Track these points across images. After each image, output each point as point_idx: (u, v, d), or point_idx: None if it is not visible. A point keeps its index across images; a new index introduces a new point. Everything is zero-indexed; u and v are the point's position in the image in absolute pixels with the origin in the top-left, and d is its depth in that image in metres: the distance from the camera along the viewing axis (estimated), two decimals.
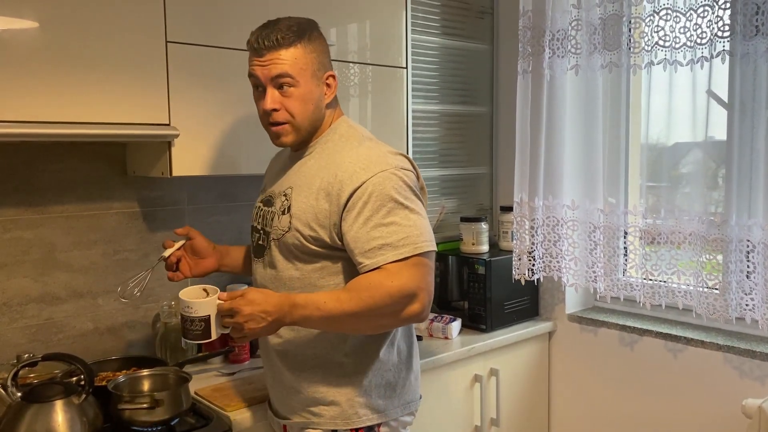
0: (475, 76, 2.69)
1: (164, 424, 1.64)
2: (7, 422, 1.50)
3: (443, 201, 2.63)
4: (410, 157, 1.57)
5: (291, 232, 1.50)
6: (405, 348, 1.61)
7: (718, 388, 2.15)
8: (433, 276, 1.46)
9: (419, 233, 1.42)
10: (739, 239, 1.99)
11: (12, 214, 1.88)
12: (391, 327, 1.51)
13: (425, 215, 1.49)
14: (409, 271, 1.40)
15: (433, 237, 1.47)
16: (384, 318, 1.42)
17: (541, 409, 2.62)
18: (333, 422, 1.52)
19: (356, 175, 1.44)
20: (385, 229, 1.41)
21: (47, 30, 1.59)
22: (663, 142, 2.25)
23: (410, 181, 1.48)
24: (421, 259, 1.41)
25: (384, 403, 1.55)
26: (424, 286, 1.41)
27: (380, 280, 1.39)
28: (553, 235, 2.40)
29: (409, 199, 1.46)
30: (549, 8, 2.31)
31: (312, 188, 1.50)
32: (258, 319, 1.37)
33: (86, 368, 1.61)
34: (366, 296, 1.38)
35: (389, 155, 1.50)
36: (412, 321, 1.45)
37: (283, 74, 1.47)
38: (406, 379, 1.60)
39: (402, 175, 1.47)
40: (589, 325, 2.49)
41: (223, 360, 2.14)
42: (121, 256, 2.07)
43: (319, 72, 1.52)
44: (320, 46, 1.53)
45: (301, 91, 1.49)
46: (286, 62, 1.47)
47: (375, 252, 1.40)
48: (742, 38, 1.93)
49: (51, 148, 1.94)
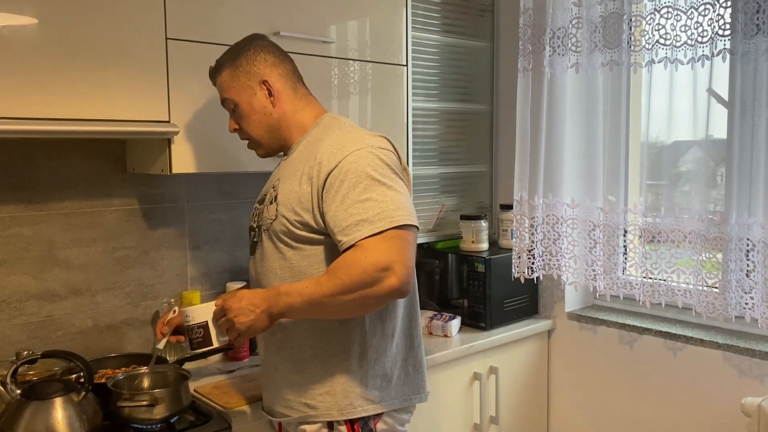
0: (476, 73, 2.69)
1: (164, 422, 1.64)
2: (7, 419, 1.50)
3: (443, 199, 2.63)
4: (390, 140, 1.57)
5: (278, 219, 1.53)
6: (404, 340, 1.60)
7: (717, 387, 2.15)
8: (411, 249, 1.42)
9: (395, 207, 1.40)
10: (738, 238, 1.99)
11: (11, 211, 1.88)
12: (375, 304, 1.45)
13: (405, 192, 1.47)
14: (384, 245, 1.37)
15: (413, 212, 1.44)
16: (364, 296, 1.37)
17: (540, 407, 2.62)
18: (328, 413, 1.52)
19: (333, 155, 1.46)
20: (362, 206, 1.40)
21: (47, 26, 1.58)
22: (663, 141, 2.25)
23: (388, 160, 1.48)
24: (398, 232, 1.39)
25: (380, 394, 1.54)
26: (398, 259, 1.37)
27: (355, 257, 1.38)
28: (552, 234, 2.40)
29: (387, 176, 1.45)
30: (550, 6, 2.31)
31: (296, 175, 1.52)
32: (247, 312, 1.42)
33: (86, 365, 1.60)
34: (343, 274, 1.37)
35: (367, 136, 1.52)
36: (392, 296, 1.40)
37: (224, 99, 1.63)
38: (403, 371, 1.59)
39: (379, 153, 1.47)
40: (589, 324, 2.49)
41: (223, 358, 2.14)
42: (121, 253, 2.07)
43: (250, 82, 1.58)
44: (248, 60, 1.59)
45: (243, 108, 1.59)
46: (223, 89, 1.62)
47: (352, 228, 1.39)
48: (743, 37, 1.92)
49: (50, 144, 1.93)
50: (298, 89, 1.63)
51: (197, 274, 2.22)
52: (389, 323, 1.56)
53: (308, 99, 1.65)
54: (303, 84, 1.66)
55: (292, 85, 1.62)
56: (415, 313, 1.64)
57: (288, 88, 1.61)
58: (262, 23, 1.93)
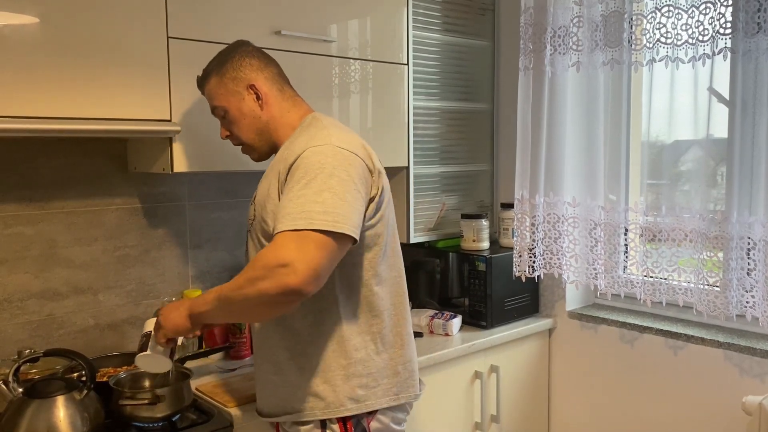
0: (477, 72, 2.69)
1: (165, 420, 1.64)
2: (9, 418, 1.50)
3: (444, 198, 2.63)
4: (367, 146, 1.53)
5: (256, 219, 1.55)
6: (392, 338, 1.57)
7: (718, 386, 2.15)
8: (324, 255, 1.32)
9: (323, 210, 1.34)
10: (739, 236, 1.99)
11: (13, 210, 1.88)
12: (274, 303, 1.33)
13: (350, 198, 1.38)
14: (294, 243, 1.31)
15: (345, 220, 1.35)
16: (261, 290, 1.30)
17: (541, 406, 2.62)
18: (312, 413, 1.51)
19: (296, 152, 1.46)
20: (296, 201, 1.36)
21: (48, 26, 1.59)
22: (664, 140, 2.25)
23: (347, 161, 1.42)
24: (315, 235, 1.32)
25: (365, 394, 1.52)
26: (303, 258, 1.29)
27: (265, 250, 1.34)
28: (553, 232, 2.40)
29: (335, 176, 1.38)
30: (550, 5, 2.31)
31: (271, 175, 1.54)
32: (171, 309, 1.51)
33: (87, 364, 1.61)
34: (248, 267, 1.35)
35: (336, 135, 1.48)
36: (288, 294, 1.29)
37: (213, 107, 1.65)
38: (391, 370, 1.56)
39: (338, 152, 1.43)
40: (590, 322, 2.49)
41: (224, 356, 2.15)
42: (122, 252, 2.07)
43: (237, 87, 1.60)
44: (233, 66, 1.60)
45: (233, 113, 1.61)
46: (211, 97, 1.64)
47: (280, 220, 1.36)
48: (743, 35, 1.92)
49: (52, 143, 1.94)
50: (284, 91, 1.64)
51: (198, 273, 2.23)
52: (372, 322, 1.54)
53: (295, 100, 1.65)
54: (290, 86, 1.67)
55: (279, 87, 1.63)
56: (404, 310, 1.62)
57: (275, 91, 1.62)
58: (263, 22, 1.94)
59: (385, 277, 1.57)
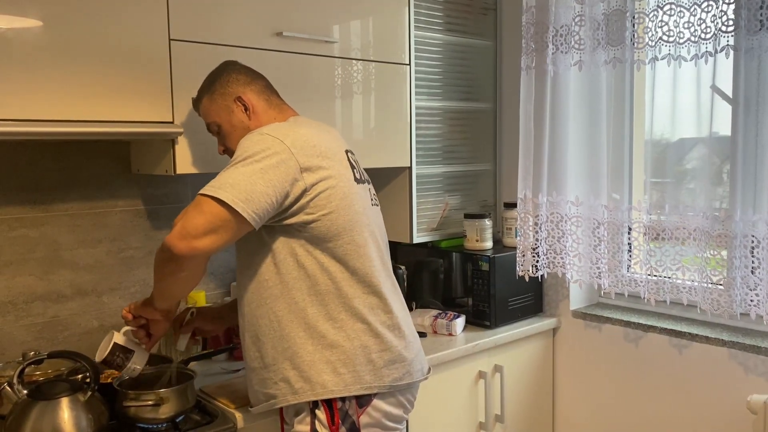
0: (479, 72, 2.69)
1: (169, 421, 1.65)
2: (14, 419, 1.51)
3: (447, 198, 2.62)
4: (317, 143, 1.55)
5: None
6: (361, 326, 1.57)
7: (722, 384, 2.15)
8: (206, 219, 1.42)
9: (225, 183, 1.44)
10: (743, 235, 1.99)
11: (17, 213, 1.89)
12: (161, 261, 1.47)
13: (265, 182, 1.45)
14: (190, 206, 1.45)
15: (244, 197, 1.43)
16: (162, 247, 1.44)
17: (545, 406, 2.62)
18: (284, 399, 1.55)
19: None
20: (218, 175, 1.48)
21: (51, 28, 1.59)
22: (667, 138, 2.24)
23: (272, 147, 1.48)
24: (206, 200, 1.43)
25: (334, 379, 1.53)
26: (183, 218, 1.43)
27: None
28: (557, 232, 2.40)
29: (256, 159, 1.46)
30: (552, 4, 2.31)
31: None
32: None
33: (92, 365, 1.62)
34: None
35: (283, 127, 1.57)
36: (167, 251, 1.42)
37: (208, 125, 1.72)
38: (364, 358, 1.55)
39: (269, 139, 1.50)
40: (594, 322, 2.48)
41: (228, 357, 2.15)
42: (126, 254, 2.08)
43: (226, 102, 1.66)
44: (222, 83, 1.67)
45: (225, 127, 1.68)
46: (205, 114, 1.71)
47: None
48: (746, 33, 1.92)
49: (55, 146, 1.94)
50: (272, 100, 1.70)
51: None
52: (339, 309, 1.55)
53: (281, 107, 1.71)
54: (277, 96, 1.73)
55: (266, 98, 1.69)
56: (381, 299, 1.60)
57: (262, 101, 1.68)
58: (264, 24, 1.94)
59: (352, 267, 1.57)
